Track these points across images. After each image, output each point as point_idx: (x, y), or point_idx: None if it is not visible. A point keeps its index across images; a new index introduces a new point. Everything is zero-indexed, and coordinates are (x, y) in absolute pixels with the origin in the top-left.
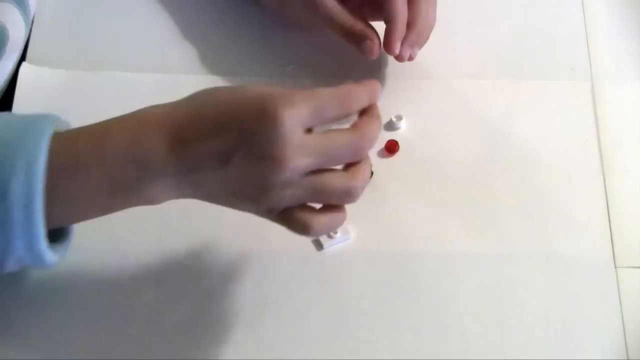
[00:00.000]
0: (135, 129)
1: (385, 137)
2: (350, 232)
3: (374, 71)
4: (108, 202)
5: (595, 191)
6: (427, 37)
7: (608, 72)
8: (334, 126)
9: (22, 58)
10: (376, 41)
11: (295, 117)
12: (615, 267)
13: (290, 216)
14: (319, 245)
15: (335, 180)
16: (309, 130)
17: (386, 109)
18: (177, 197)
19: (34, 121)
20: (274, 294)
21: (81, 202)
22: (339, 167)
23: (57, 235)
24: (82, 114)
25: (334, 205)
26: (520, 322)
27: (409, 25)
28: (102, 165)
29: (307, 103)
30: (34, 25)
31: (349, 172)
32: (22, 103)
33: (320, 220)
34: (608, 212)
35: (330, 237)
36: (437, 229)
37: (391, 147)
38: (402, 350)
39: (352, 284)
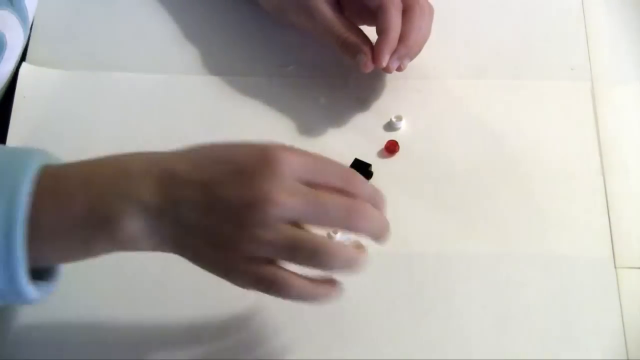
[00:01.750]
0: (126, 162)
1: (385, 137)
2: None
3: (374, 71)
4: (87, 236)
5: (595, 191)
6: (419, 50)
7: (608, 72)
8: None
9: (22, 59)
10: (370, 56)
11: (294, 163)
12: (615, 267)
13: (270, 271)
14: None
15: (314, 236)
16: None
17: (386, 109)
18: (154, 246)
19: (20, 154)
20: None
21: (61, 235)
22: None
23: (44, 274)
24: (82, 114)
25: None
26: (520, 322)
27: (401, 38)
28: (86, 193)
29: (308, 156)
30: (33, 26)
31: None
32: (22, 103)
33: (301, 282)
34: (608, 212)
35: (330, 237)
36: (437, 229)
37: (391, 147)
38: (402, 350)
39: (352, 284)
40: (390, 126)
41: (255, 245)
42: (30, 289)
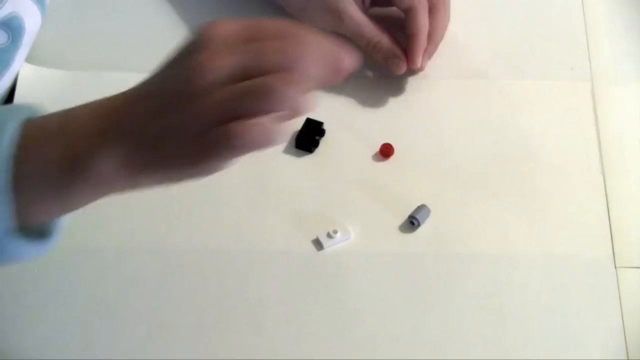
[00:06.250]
0: (99, 102)
1: (379, 141)
2: (351, 232)
3: (371, 71)
4: (65, 181)
5: (595, 191)
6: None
7: (608, 72)
8: None
9: None
10: (404, 59)
11: (224, 29)
12: (615, 267)
13: (215, 131)
14: (319, 245)
15: (261, 79)
16: None
17: (385, 109)
18: (128, 177)
19: (4, 111)
20: (274, 294)
21: (42, 183)
22: None
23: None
24: None
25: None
26: (520, 322)
27: (430, 37)
28: (65, 135)
29: (239, 21)
30: None
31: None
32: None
33: (242, 124)
34: (608, 212)
35: (330, 237)
36: (436, 229)
37: (386, 151)
38: (402, 350)
39: (352, 284)
40: (388, 127)
41: (203, 108)
42: (15, 244)
